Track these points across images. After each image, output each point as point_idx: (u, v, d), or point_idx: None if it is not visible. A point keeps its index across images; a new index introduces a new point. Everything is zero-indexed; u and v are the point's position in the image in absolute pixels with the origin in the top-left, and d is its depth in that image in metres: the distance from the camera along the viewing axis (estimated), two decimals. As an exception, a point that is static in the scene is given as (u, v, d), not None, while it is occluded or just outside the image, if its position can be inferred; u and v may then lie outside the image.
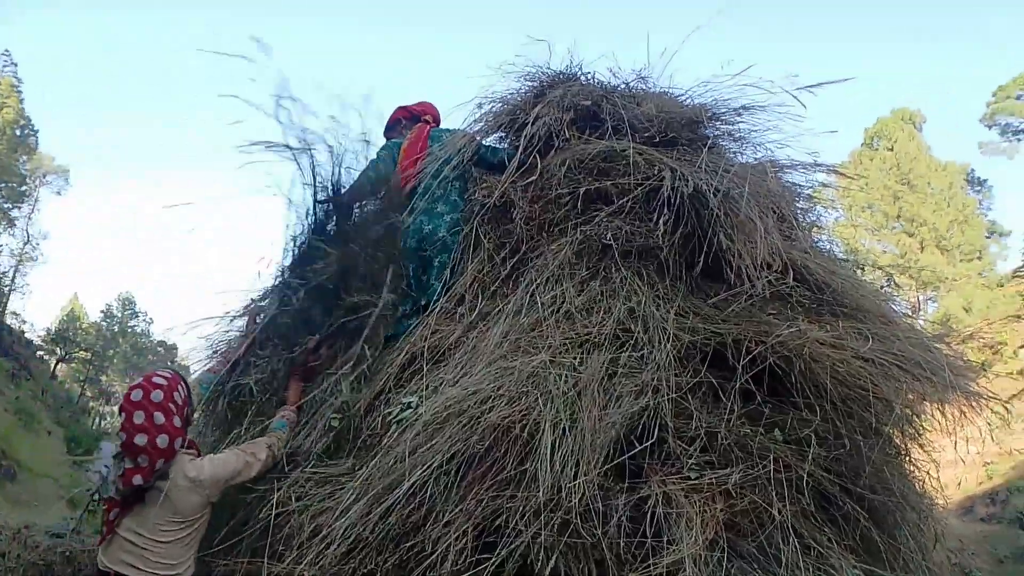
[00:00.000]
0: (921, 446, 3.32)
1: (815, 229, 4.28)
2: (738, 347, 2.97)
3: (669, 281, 3.35)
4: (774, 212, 3.57)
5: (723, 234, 3.29)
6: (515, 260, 3.55)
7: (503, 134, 4.26)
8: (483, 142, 4.10)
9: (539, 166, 3.72)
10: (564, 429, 2.57)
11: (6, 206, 44.98)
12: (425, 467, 2.51)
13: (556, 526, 2.35)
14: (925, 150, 33.08)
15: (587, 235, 3.46)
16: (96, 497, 6.23)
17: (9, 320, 40.01)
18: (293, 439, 3.13)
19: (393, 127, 4.40)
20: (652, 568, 2.32)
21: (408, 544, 2.42)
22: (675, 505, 2.50)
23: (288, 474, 2.95)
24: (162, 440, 2.58)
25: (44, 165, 47.58)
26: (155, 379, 2.71)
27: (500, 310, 3.29)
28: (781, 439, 2.81)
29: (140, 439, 2.55)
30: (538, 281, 3.32)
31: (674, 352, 2.97)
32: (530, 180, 3.67)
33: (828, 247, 4.23)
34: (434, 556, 2.35)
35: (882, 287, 5.25)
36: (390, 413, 2.95)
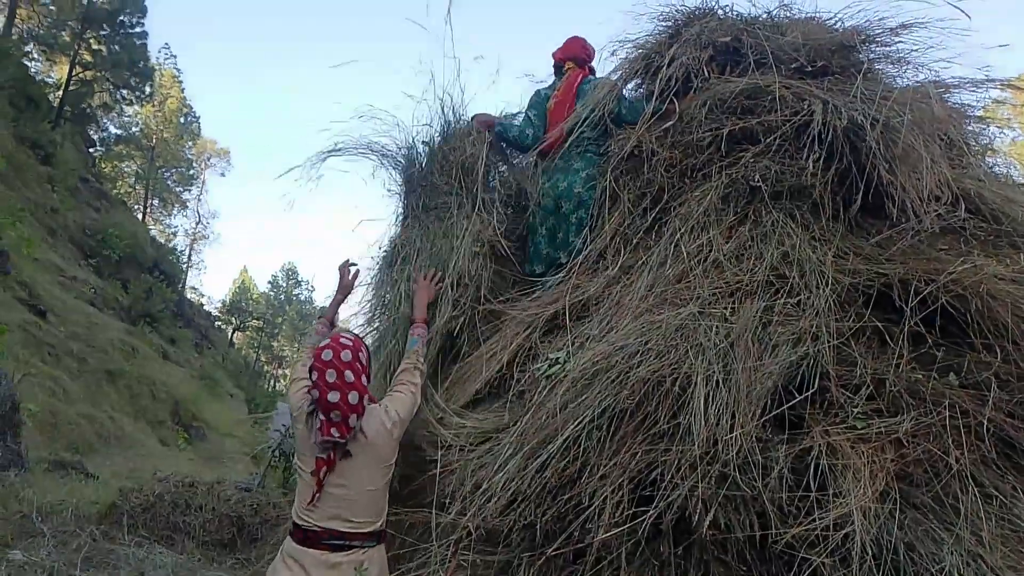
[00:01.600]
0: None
1: (990, 153, 3.89)
2: (905, 287, 2.77)
3: (825, 221, 3.15)
4: (941, 139, 3.28)
5: (883, 167, 3.06)
6: (657, 210, 3.44)
7: (639, 80, 4.12)
8: (622, 95, 4.00)
9: (677, 110, 3.58)
10: (717, 381, 2.50)
11: (178, 189, 48.99)
12: (577, 422, 2.52)
13: (714, 479, 2.31)
14: (1118, 54, 29.32)
15: (733, 178, 3.30)
16: (277, 452, 6.77)
17: (189, 294, 43.73)
18: None
19: (559, 68, 4.37)
20: (818, 521, 2.23)
21: (565, 497, 2.45)
22: (840, 456, 2.39)
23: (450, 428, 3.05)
24: (353, 397, 2.68)
25: (208, 149, 51.29)
26: (342, 340, 2.81)
27: (644, 262, 3.22)
28: (957, 383, 2.61)
29: (333, 396, 2.65)
30: (682, 230, 3.21)
31: (834, 296, 2.81)
32: (668, 125, 3.55)
33: (1005, 171, 3.84)
34: (591, 509, 2.37)
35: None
36: (539, 368, 2.97)
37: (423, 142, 4.14)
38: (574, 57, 4.27)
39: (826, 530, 2.21)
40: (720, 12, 4.08)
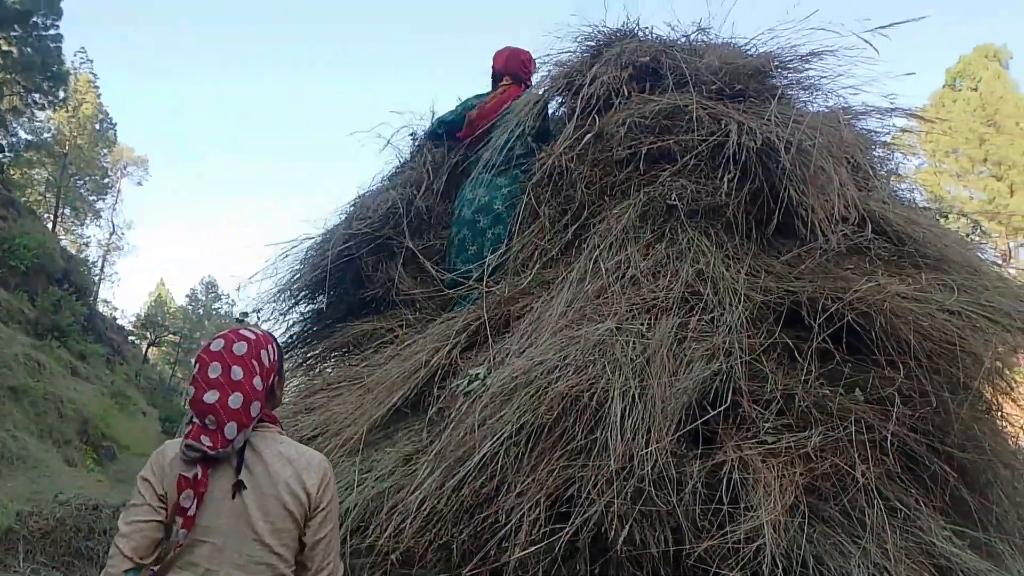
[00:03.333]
0: (1014, 400, 3.14)
1: (895, 178, 4.08)
2: (814, 305, 2.86)
3: (738, 240, 3.24)
4: (849, 162, 3.41)
5: (794, 188, 3.16)
6: (576, 226, 3.47)
7: (561, 98, 4.17)
8: (546, 113, 4.07)
9: (597, 127, 3.63)
10: (634, 397, 2.52)
11: (91, 198, 47.04)
12: (495, 438, 2.50)
13: (629, 494, 2.31)
14: (1013, 88, 31.18)
15: (651, 196, 3.36)
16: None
17: (101, 308, 41.95)
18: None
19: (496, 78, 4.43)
20: (730, 535, 2.27)
21: (482, 515, 2.42)
22: (752, 470, 2.43)
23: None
24: (235, 400, 2.02)
25: (124, 156, 49.48)
26: (242, 331, 2.17)
27: (564, 278, 3.23)
28: (862, 399, 2.70)
29: (210, 396, 2.01)
30: (601, 247, 3.25)
31: (746, 313, 2.89)
32: (588, 143, 3.58)
33: (909, 196, 4.02)
34: (508, 527, 2.35)
35: (969, 235, 4.98)
36: (458, 385, 2.95)
37: None
38: (514, 73, 4.30)
39: (738, 544, 2.24)
40: (640, 34, 4.17)
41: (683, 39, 4.17)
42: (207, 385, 2.04)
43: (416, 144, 4.56)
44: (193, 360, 2.15)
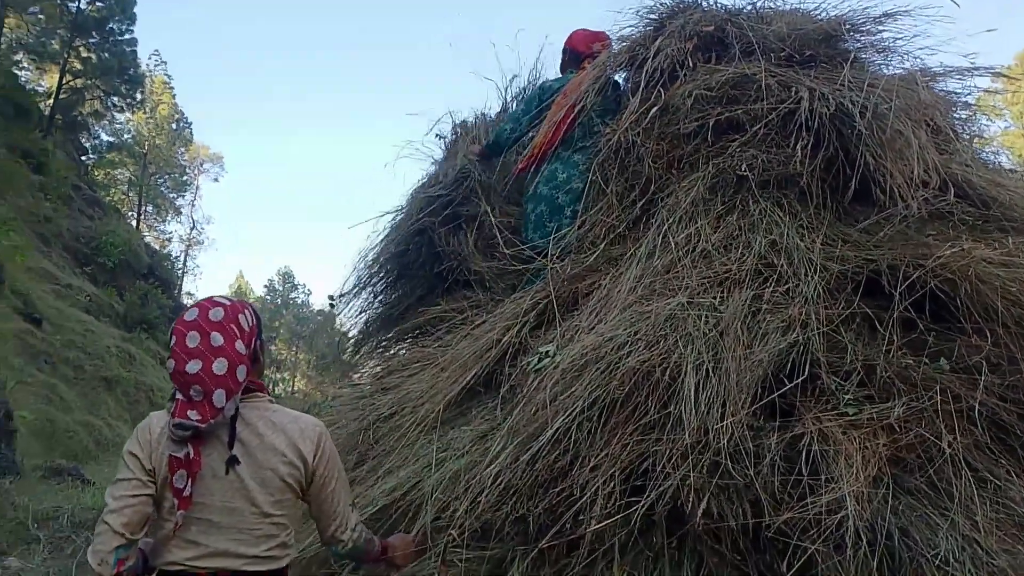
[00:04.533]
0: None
1: (978, 141, 3.89)
2: (894, 273, 2.76)
3: (813, 209, 3.15)
4: (928, 125, 3.28)
5: (870, 153, 3.06)
6: (644, 201, 3.44)
7: (625, 73, 4.12)
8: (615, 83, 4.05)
9: (662, 100, 3.57)
10: (707, 370, 2.49)
11: (171, 196, 48.89)
12: (567, 414, 2.50)
13: (705, 468, 2.29)
14: (1108, 41, 29.31)
15: (720, 168, 3.29)
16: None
17: (185, 300, 43.61)
18: None
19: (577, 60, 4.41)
20: (811, 507, 2.22)
21: (557, 489, 2.43)
22: (832, 442, 2.38)
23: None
24: (219, 365, 1.94)
25: (201, 154, 51.19)
26: (215, 299, 2.08)
27: (632, 254, 3.21)
28: (948, 368, 2.61)
29: (192, 365, 1.92)
30: (670, 221, 3.20)
31: (823, 284, 2.81)
32: (653, 117, 3.53)
33: (994, 159, 3.84)
34: (583, 500, 2.35)
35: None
36: (528, 363, 2.96)
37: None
38: (593, 55, 4.27)
39: (819, 516, 2.20)
40: (704, 4, 4.08)
41: (749, 7, 4.06)
42: (187, 355, 1.94)
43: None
44: (168, 334, 2.01)
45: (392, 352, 4.24)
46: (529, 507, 2.45)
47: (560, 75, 4.44)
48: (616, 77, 4.10)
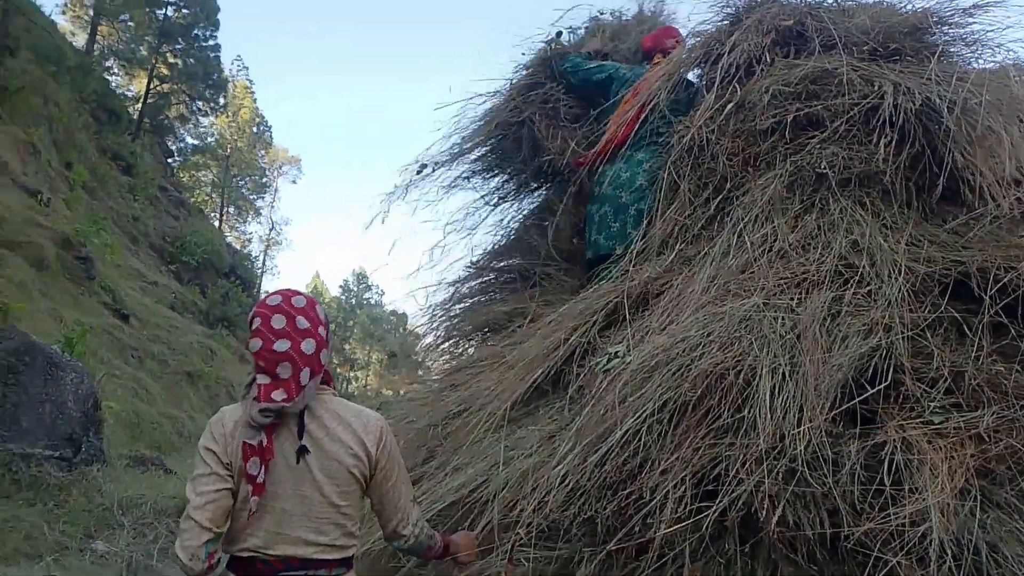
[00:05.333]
0: None
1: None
2: (984, 275, 2.63)
3: (897, 208, 3.02)
4: (1021, 121, 3.11)
5: (959, 151, 2.92)
6: (719, 200, 3.36)
7: (700, 69, 4.04)
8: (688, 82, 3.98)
9: (738, 97, 3.49)
10: (783, 374, 2.41)
11: (251, 197, 50.48)
12: (636, 415, 2.46)
13: (781, 474, 2.22)
14: None
15: (798, 166, 3.19)
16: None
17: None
18: None
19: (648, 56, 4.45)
20: (893, 518, 2.13)
21: (626, 491, 2.40)
22: (916, 451, 2.27)
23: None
24: (308, 345, 1.99)
25: (280, 157, 52.71)
26: (292, 289, 2.14)
27: (705, 253, 3.14)
28: (1042, 376, 2.47)
29: (281, 344, 1.97)
30: (746, 220, 3.12)
31: (907, 286, 2.69)
32: (729, 113, 3.45)
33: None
34: (653, 504, 2.31)
35: None
36: (597, 363, 2.93)
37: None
38: (664, 50, 4.24)
39: (902, 528, 2.11)
40: (782, -1, 3.97)
41: (830, 0, 3.94)
42: (274, 335, 1.98)
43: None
44: (249, 318, 2.06)
45: (460, 350, 4.26)
46: (597, 509, 2.42)
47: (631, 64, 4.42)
48: (688, 75, 4.04)
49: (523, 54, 4.55)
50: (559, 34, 4.62)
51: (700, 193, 3.44)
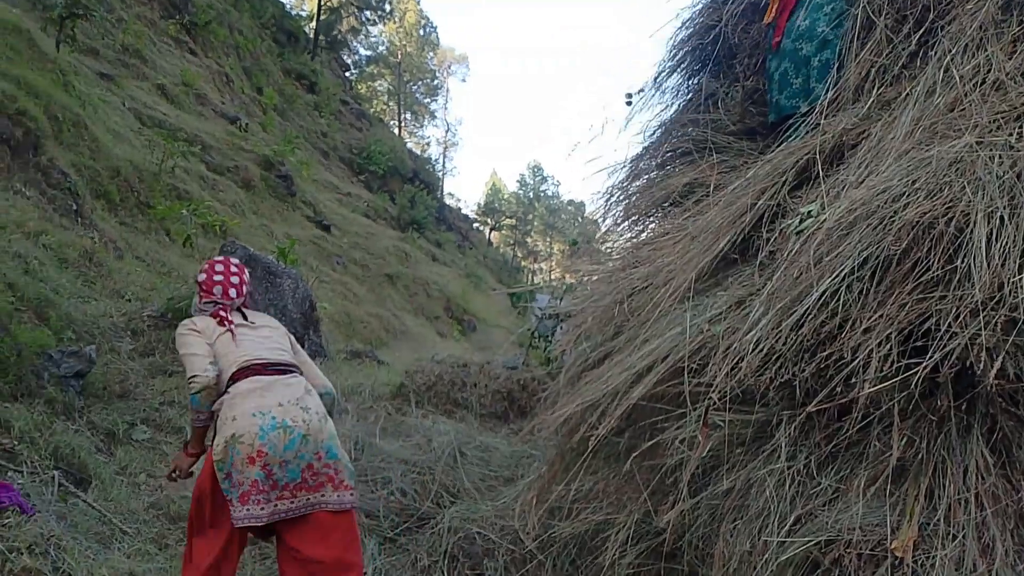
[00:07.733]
0: None
1: None
2: None
3: None
4: None
5: None
6: (920, 33, 3.00)
7: None
8: None
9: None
10: (1001, 218, 2.17)
11: (426, 101, 51.71)
12: (834, 275, 2.34)
13: (999, 325, 2.04)
14: None
15: (1016, -17, 2.77)
16: (536, 335, 7.23)
17: (447, 200, 46.66)
18: None
19: None
20: None
21: (825, 353, 2.31)
22: None
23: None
24: (235, 282, 3.34)
25: (448, 57, 53.28)
26: (230, 258, 3.46)
27: (907, 94, 2.83)
28: None
29: (217, 277, 3.28)
30: (953, 51, 2.76)
31: None
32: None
33: None
34: (855, 363, 2.21)
35: None
36: (789, 225, 2.78)
37: None
38: None
39: None
40: None
41: None
42: (214, 274, 3.27)
43: None
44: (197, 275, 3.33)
45: (642, 227, 4.19)
46: (795, 372, 2.36)
47: None
48: None
49: None
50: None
51: (899, 28, 3.08)
